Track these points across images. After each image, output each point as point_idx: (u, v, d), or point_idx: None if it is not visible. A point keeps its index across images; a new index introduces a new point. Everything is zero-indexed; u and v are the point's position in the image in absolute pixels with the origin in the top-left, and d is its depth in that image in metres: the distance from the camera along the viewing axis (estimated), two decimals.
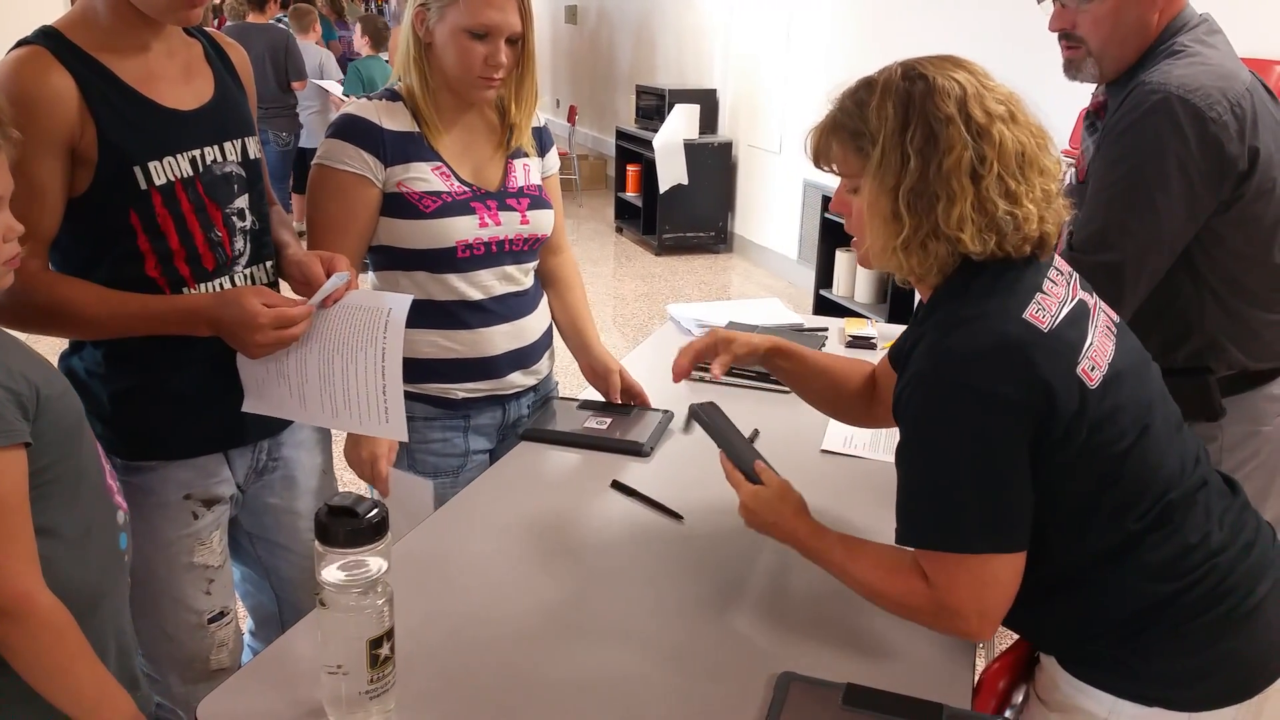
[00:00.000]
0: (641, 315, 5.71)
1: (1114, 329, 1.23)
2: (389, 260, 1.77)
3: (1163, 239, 1.61)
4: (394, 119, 1.72)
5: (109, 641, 1.18)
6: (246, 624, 1.82)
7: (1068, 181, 1.77)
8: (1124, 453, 1.14)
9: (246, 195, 1.54)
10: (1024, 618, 1.24)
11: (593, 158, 9.58)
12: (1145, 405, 1.18)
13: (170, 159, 1.42)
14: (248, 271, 1.54)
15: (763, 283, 6.49)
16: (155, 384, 1.48)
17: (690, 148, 6.68)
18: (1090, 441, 1.12)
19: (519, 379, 1.87)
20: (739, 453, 1.38)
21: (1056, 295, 1.18)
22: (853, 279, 4.98)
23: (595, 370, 1.99)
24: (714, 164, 6.91)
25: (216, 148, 1.48)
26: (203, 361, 1.49)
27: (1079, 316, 1.18)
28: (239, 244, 1.52)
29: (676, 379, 1.54)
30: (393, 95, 1.76)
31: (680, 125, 6.74)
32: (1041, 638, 1.27)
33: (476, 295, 1.78)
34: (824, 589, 1.37)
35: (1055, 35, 1.75)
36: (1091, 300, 1.23)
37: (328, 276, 1.49)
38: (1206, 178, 1.56)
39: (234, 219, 1.51)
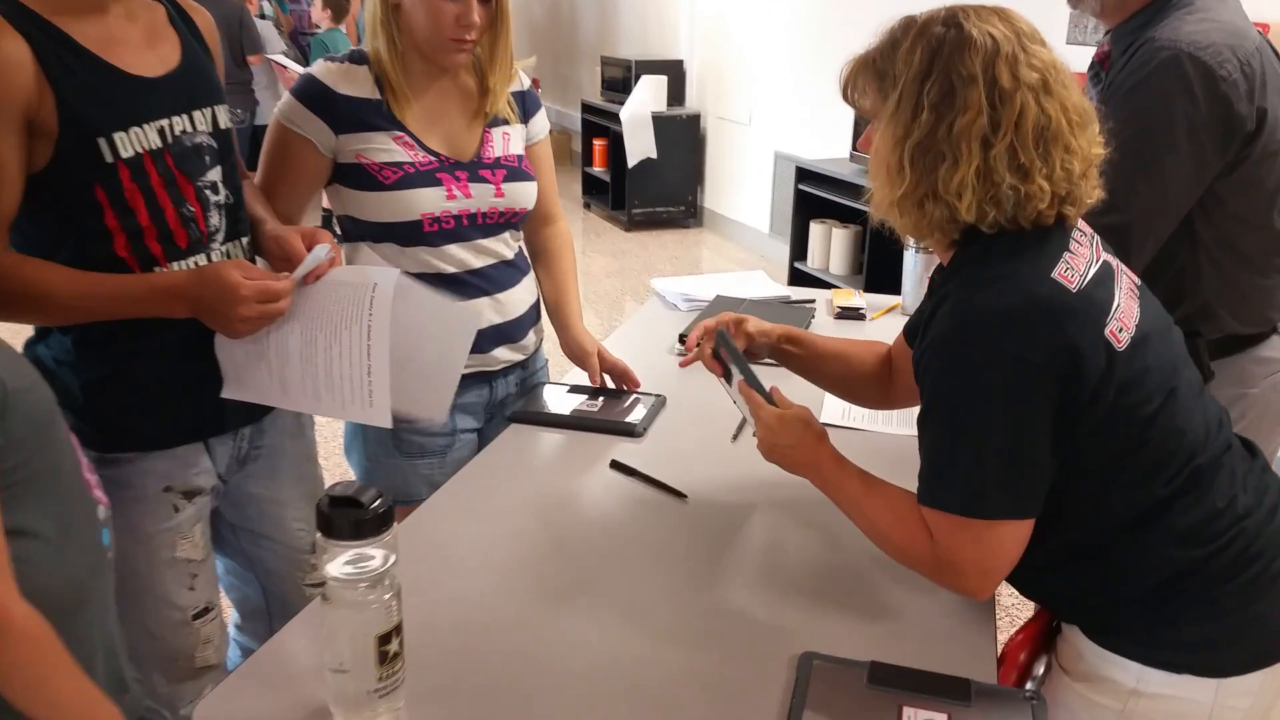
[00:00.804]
0: (614, 292, 5.64)
1: (1137, 291, 1.19)
2: (356, 230, 1.71)
3: (1169, 201, 1.58)
4: (353, 84, 1.65)
5: (95, 644, 1.11)
6: (231, 617, 1.75)
7: None
8: (1151, 416, 1.11)
9: (219, 167, 1.45)
10: (1047, 586, 1.21)
11: (556, 131, 9.47)
12: (1170, 368, 1.15)
13: (137, 130, 1.33)
14: (224, 248, 1.46)
15: (734, 257, 6.45)
16: (129, 371, 1.40)
17: (658, 120, 6.60)
18: (1117, 405, 1.09)
19: (505, 354, 1.81)
20: (757, 382, 1.35)
21: (1083, 256, 1.14)
22: (828, 251, 4.94)
23: (573, 352, 1.91)
24: (682, 137, 6.84)
25: (186, 117, 1.40)
26: (179, 346, 1.41)
27: (1105, 277, 1.14)
28: (214, 219, 1.44)
29: (689, 351, 1.50)
30: (359, 58, 1.68)
31: (647, 97, 6.64)
32: (1065, 607, 1.24)
33: (449, 269, 1.71)
34: (839, 564, 1.33)
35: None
36: (1115, 262, 1.19)
37: (309, 251, 1.42)
38: (1214, 138, 1.52)
39: (207, 192, 1.43)
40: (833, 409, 1.82)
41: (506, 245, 1.79)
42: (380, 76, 1.66)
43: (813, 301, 2.45)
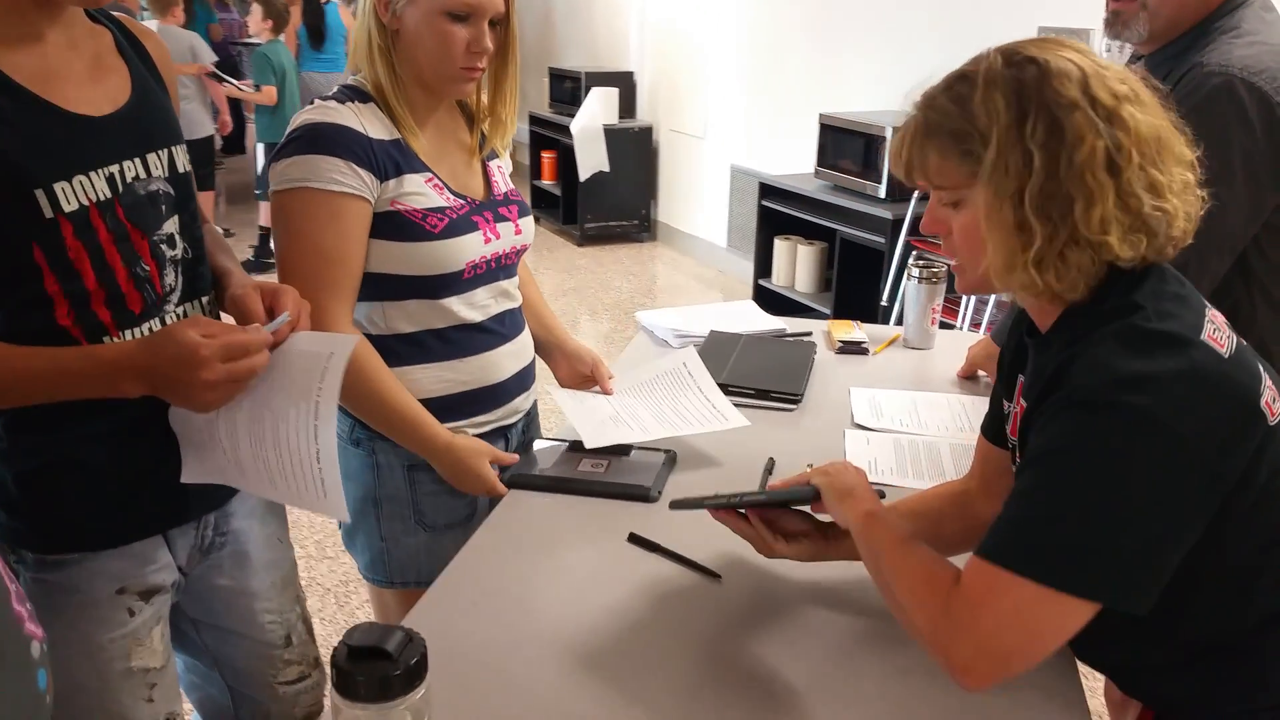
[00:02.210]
0: (570, 311, 5.46)
1: (1258, 356, 1.05)
2: (375, 290, 1.50)
3: (1225, 239, 1.46)
4: (375, 125, 1.46)
5: None
6: None
7: None
8: None
9: (176, 217, 1.26)
10: (1161, 688, 1.06)
11: None
12: None
13: (82, 178, 1.13)
14: (179, 310, 1.27)
15: (692, 272, 6.31)
16: (72, 459, 1.20)
17: (609, 133, 6.44)
18: (1269, 487, 0.95)
19: (521, 403, 1.69)
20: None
21: (1218, 316, 1.00)
22: (793, 269, 4.82)
23: (581, 363, 1.80)
24: (634, 150, 6.69)
25: (139, 161, 1.20)
26: (130, 427, 1.22)
27: (1240, 339, 1.00)
28: (169, 278, 1.24)
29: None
30: (362, 95, 1.49)
31: (598, 109, 6.49)
32: (1181, 713, 1.08)
33: (477, 317, 1.57)
34: (904, 662, 1.17)
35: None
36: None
37: (271, 316, 1.21)
38: (1272, 169, 1.42)
39: (163, 247, 1.23)
40: (857, 456, 1.67)
41: (516, 287, 1.68)
42: (390, 114, 1.48)
43: (809, 334, 2.31)
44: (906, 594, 1.01)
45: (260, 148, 6.01)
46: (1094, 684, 1.63)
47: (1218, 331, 0.96)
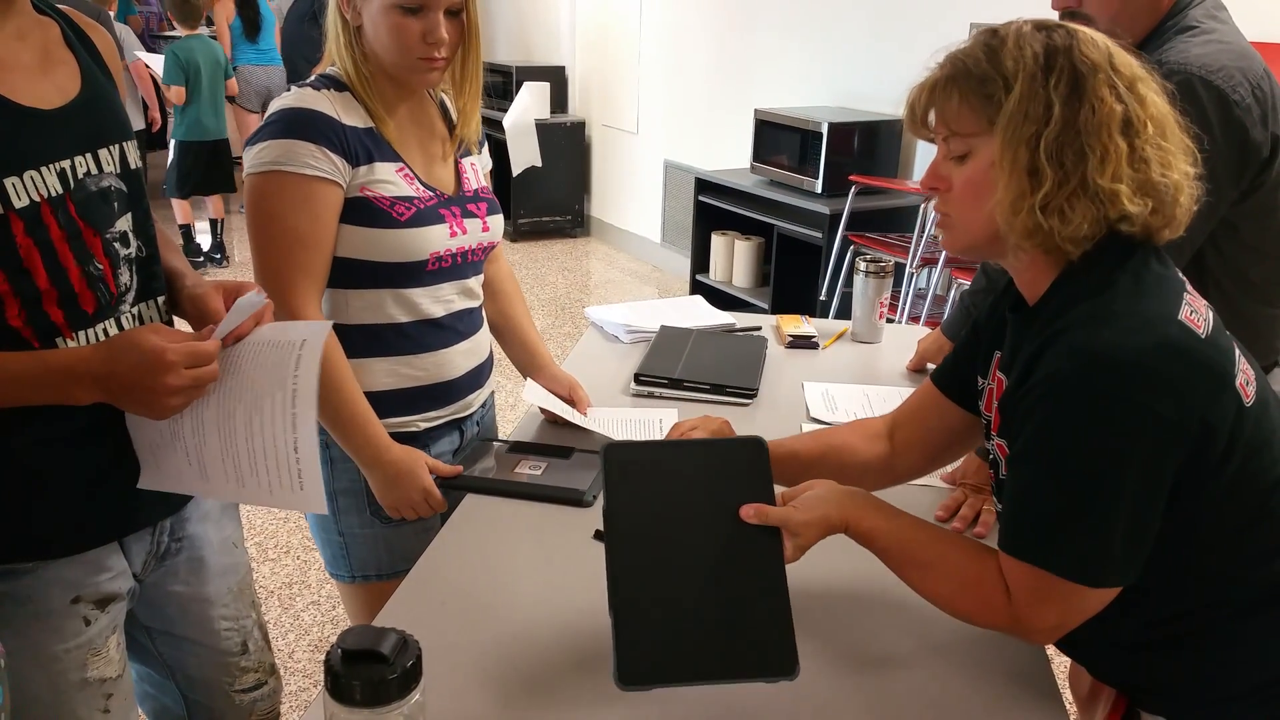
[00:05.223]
0: None
1: (1234, 340, 1.09)
2: (340, 276, 1.50)
3: (1185, 238, 1.50)
4: (350, 113, 1.47)
5: None
6: None
7: None
8: (1276, 482, 1.01)
9: (129, 215, 1.22)
10: (1132, 669, 1.09)
11: None
12: None
13: (33, 173, 1.09)
14: (134, 310, 1.23)
15: (626, 267, 6.32)
16: (24, 465, 1.15)
17: (541, 128, 6.40)
18: (1244, 469, 0.98)
19: (474, 398, 1.69)
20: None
21: (1198, 298, 1.04)
22: (730, 264, 4.86)
23: (555, 391, 1.79)
24: (567, 145, 6.67)
25: (89, 156, 1.16)
26: (84, 430, 1.18)
27: (1219, 322, 1.04)
28: (124, 277, 1.21)
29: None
30: (338, 84, 1.50)
31: (531, 104, 6.43)
32: (1151, 695, 1.10)
33: (438, 312, 1.57)
34: (874, 643, 1.19)
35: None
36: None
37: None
38: (1230, 167, 1.46)
39: (116, 245, 1.20)
40: None
41: (480, 285, 1.69)
42: (362, 103, 1.49)
43: (759, 329, 2.33)
44: (954, 603, 1.08)
45: (172, 144, 5.72)
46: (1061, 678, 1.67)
47: (1195, 313, 0.99)
